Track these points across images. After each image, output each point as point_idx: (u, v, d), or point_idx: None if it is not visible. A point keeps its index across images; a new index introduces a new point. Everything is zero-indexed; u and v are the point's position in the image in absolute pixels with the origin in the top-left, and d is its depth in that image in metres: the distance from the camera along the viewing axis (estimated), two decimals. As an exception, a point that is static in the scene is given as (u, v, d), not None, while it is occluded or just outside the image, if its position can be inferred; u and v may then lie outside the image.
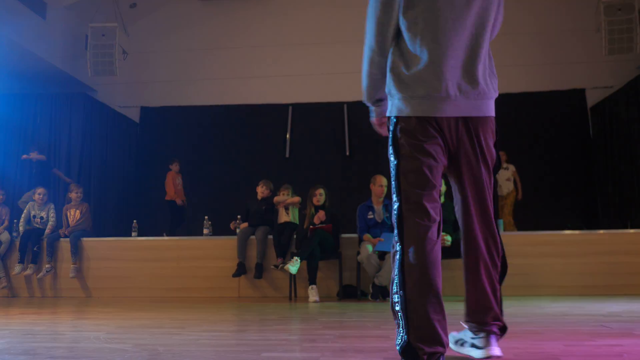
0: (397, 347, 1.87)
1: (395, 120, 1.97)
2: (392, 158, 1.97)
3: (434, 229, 1.91)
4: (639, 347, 2.33)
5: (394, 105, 1.98)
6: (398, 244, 1.90)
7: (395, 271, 1.90)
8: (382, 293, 5.33)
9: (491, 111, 2.02)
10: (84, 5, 8.65)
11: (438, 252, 1.90)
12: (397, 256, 1.90)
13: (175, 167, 8.51)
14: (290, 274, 5.39)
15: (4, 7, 7.20)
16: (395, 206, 1.94)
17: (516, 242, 5.73)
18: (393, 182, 1.96)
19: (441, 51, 1.91)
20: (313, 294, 5.25)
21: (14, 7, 7.43)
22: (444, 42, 1.91)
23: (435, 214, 1.91)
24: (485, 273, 1.98)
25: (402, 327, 1.86)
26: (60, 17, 8.51)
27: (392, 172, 1.96)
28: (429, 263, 1.86)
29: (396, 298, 1.88)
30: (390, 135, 1.99)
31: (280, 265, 5.77)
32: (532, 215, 8.74)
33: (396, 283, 1.89)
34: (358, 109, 9.61)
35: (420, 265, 1.85)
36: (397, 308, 1.88)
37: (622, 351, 2.22)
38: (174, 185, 8.38)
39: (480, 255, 1.98)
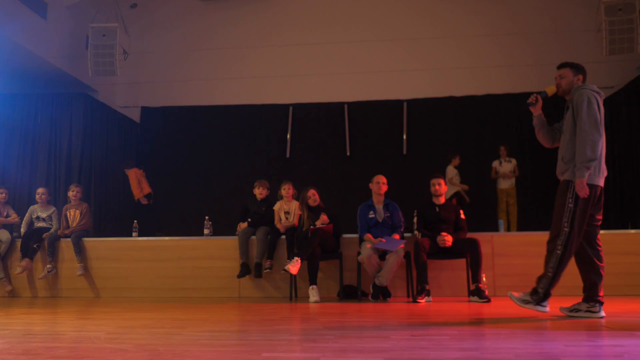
0: None
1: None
2: None
3: None
4: None
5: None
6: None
7: None
8: (382, 293, 5.33)
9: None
10: (84, 6, 8.65)
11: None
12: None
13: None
14: (291, 274, 5.39)
15: (5, 7, 7.19)
16: None
17: (516, 242, 5.74)
18: None
19: None
20: (313, 294, 5.25)
21: (15, 8, 7.42)
22: None
23: None
24: None
25: None
26: (61, 17, 8.50)
27: None
28: None
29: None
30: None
31: (267, 271, 5.78)
32: (533, 215, 8.74)
33: None
34: (358, 109, 9.62)
35: None
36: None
37: (622, 351, 2.22)
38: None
39: None
